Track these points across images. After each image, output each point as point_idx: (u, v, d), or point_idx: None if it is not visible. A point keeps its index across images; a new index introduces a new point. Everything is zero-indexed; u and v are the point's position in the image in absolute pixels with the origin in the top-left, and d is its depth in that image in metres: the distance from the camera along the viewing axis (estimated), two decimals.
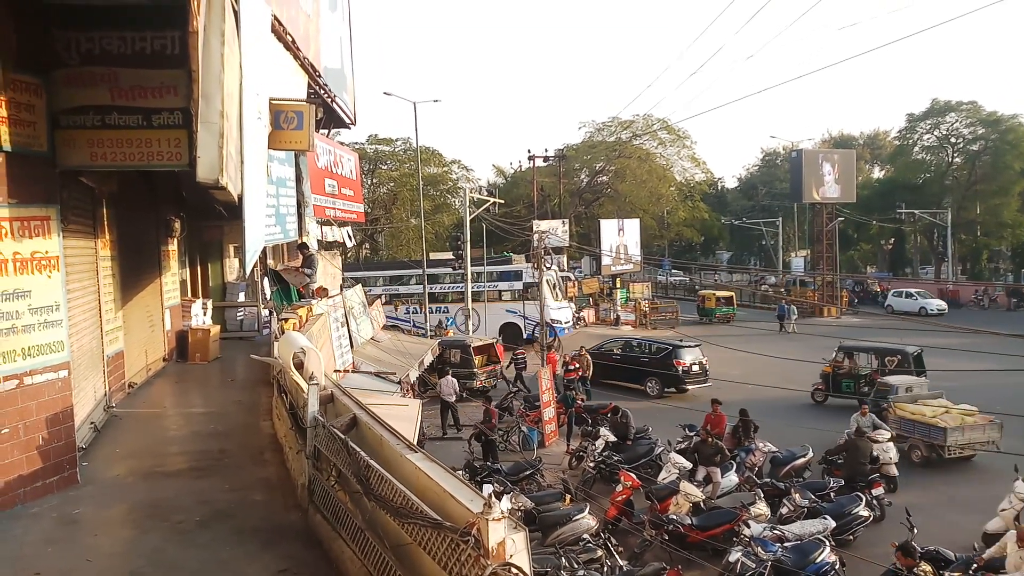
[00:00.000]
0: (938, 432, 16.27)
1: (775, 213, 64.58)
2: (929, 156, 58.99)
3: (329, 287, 18.74)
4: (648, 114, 52.53)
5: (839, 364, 22.41)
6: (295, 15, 12.12)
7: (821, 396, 22.50)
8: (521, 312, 34.12)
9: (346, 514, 4.25)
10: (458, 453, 16.82)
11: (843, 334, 27.49)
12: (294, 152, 12.43)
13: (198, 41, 5.40)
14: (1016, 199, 54.28)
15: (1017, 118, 53.80)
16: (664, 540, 11.78)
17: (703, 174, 61.63)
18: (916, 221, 56.09)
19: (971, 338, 22.81)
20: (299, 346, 6.28)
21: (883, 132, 73.91)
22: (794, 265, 55.40)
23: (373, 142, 52.52)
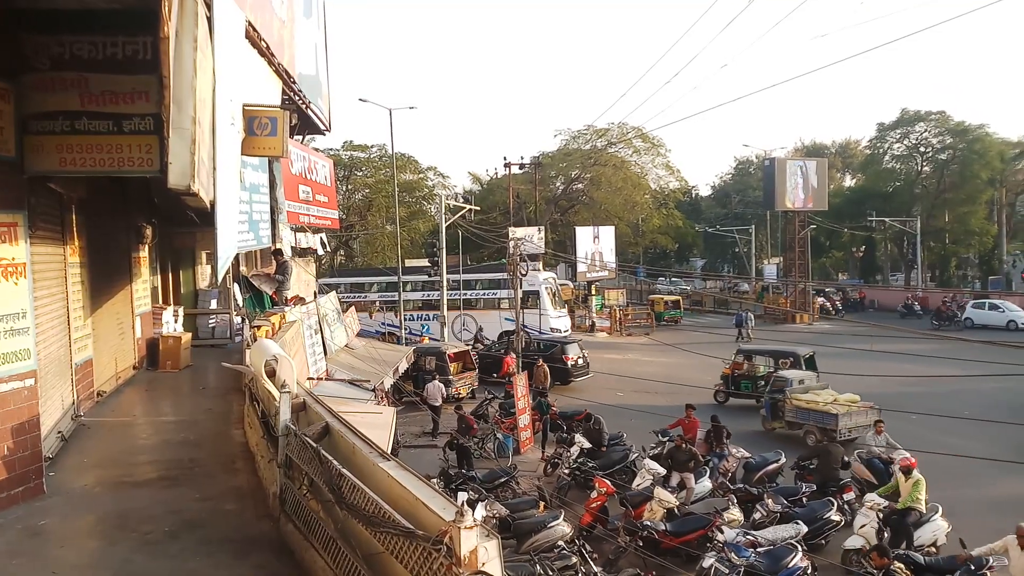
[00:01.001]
0: (831, 418, 18.31)
1: (748, 221, 65.25)
2: (899, 165, 59.91)
3: (303, 293, 18.63)
4: (623, 122, 52.82)
5: (738, 366, 23.85)
6: (269, 21, 12.06)
7: (723, 396, 23.58)
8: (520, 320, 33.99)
9: (318, 523, 4.22)
10: (433, 461, 16.78)
11: (802, 341, 28.19)
12: (268, 158, 12.35)
13: (169, 47, 5.35)
14: (983, 207, 55.25)
15: (984, 128, 54.89)
16: (638, 546, 11.82)
17: (677, 182, 62.08)
18: (886, 229, 56.96)
19: (938, 343, 23.44)
20: (271, 354, 6.23)
21: (854, 141, 75.03)
22: (766, 272, 56.00)
23: (348, 148, 52.34)
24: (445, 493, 11.14)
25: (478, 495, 12.88)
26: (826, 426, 18.14)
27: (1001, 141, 55.88)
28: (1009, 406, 21.30)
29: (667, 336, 36.82)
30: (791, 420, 19.50)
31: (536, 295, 33.87)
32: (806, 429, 18.91)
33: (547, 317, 33.57)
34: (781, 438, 19.42)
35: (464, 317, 35.27)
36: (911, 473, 12.21)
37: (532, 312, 33.61)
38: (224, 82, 7.31)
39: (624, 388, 24.99)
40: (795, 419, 19.35)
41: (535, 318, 33.56)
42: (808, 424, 18.87)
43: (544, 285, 34.36)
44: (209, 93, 6.84)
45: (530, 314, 33.56)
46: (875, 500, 12.19)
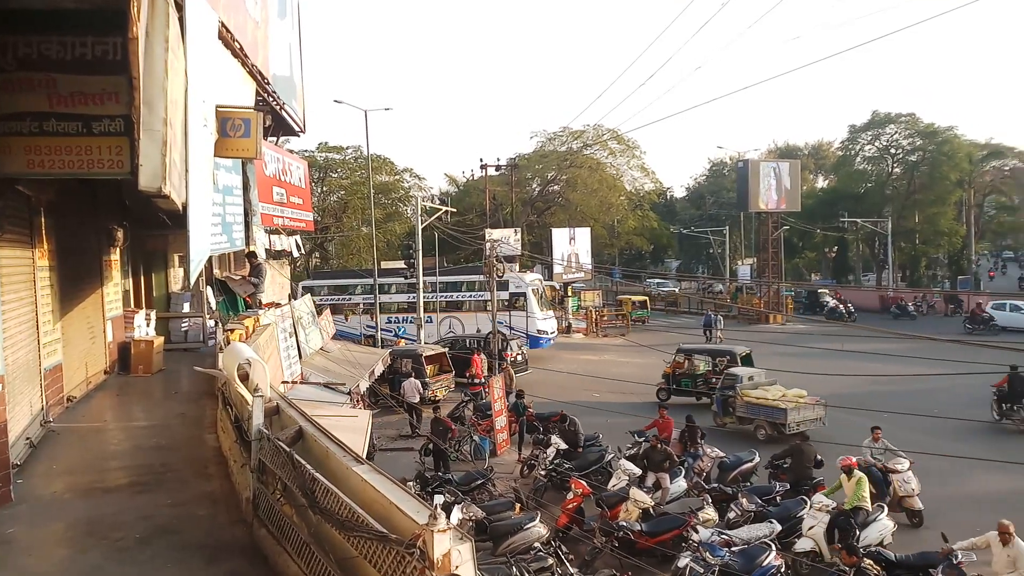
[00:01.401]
0: (780, 412, 18.93)
1: (722, 222, 65.72)
2: (870, 166, 60.62)
3: (278, 296, 18.50)
4: (598, 124, 53.04)
5: (679, 365, 24.40)
6: (243, 22, 11.98)
7: (664, 395, 24.08)
8: (507, 322, 33.74)
9: (291, 528, 4.20)
10: (409, 464, 16.73)
11: (773, 341, 28.62)
12: (241, 160, 12.26)
13: (138, 47, 5.30)
14: (952, 208, 56.07)
15: (953, 130, 55.69)
16: (614, 547, 11.86)
17: (652, 184, 62.45)
18: (858, 229, 57.64)
19: (906, 343, 23.91)
20: (244, 357, 6.18)
21: (826, 143, 75.86)
22: (740, 273, 56.44)
23: (323, 150, 52.03)
24: (419, 496, 11.12)
25: (454, 497, 12.87)
26: (775, 420, 18.97)
27: (969, 143, 56.80)
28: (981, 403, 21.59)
29: (638, 337, 37.03)
30: (742, 415, 20.07)
31: (523, 296, 33.84)
32: (756, 424, 19.60)
33: (534, 319, 33.54)
34: (732, 433, 19.91)
35: (451, 319, 35.13)
36: (852, 473, 12.32)
37: (519, 314, 33.63)
38: (197, 83, 7.25)
39: (600, 388, 25.12)
40: (746, 414, 19.94)
41: (522, 320, 33.56)
42: (758, 419, 19.55)
43: (531, 287, 34.35)
44: (181, 94, 6.78)
45: (517, 316, 33.59)
46: (823, 501, 12.24)
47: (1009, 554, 9.76)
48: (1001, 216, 64.95)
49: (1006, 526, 9.97)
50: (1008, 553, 9.77)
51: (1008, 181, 60.19)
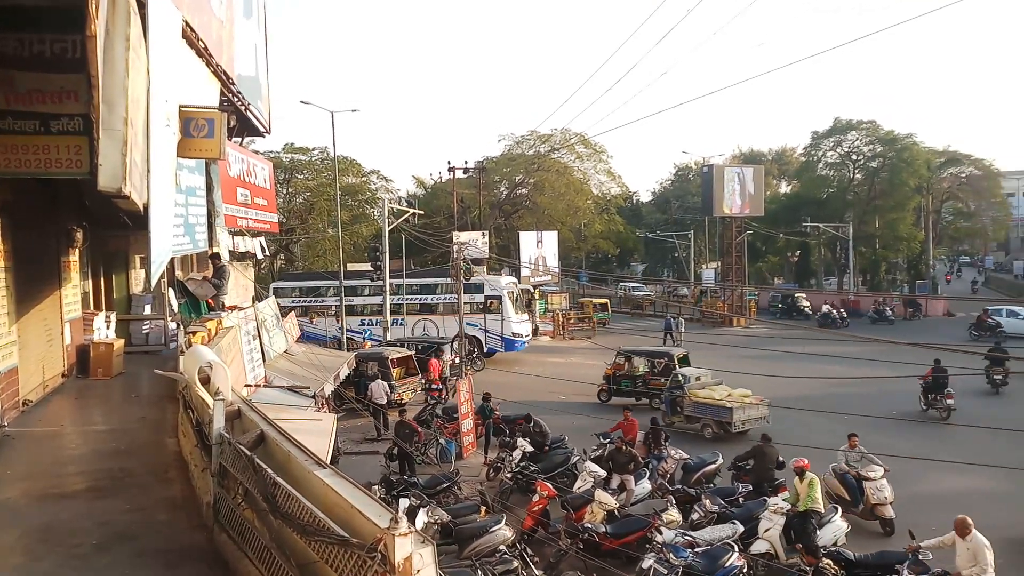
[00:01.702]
0: (726, 411, 19.69)
1: (687, 226, 66.35)
2: (832, 172, 61.62)
3: (241, 298, 18.27)
4: (566, 128, 53.27)
5: (619, 367, 25.03)
6: (207, 21, 11.84)
7: (605, 396, 24.83)
8: (482, 325, 33.66)
9: (253, 533, 4.16)
10: (375, 467, 16.63)
11: (737, 344, 29.11)
12: (205, 160, 12.12)
13: (97, 45, 5.22)
14: (911, 214, 57.24)
15: (912, 137, 56.91)
16: (579, 549, 11.91)
17: (619, 188, 62.88)
18: (820, 234, 58.51)
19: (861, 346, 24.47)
20: (206, 360, 6.11)
21: (790, 149, 76.90)
22: (705, 276, 56.96)
23: (289, 151, 51.57)
24: (381, 500, 11.05)
25: (420, 501, 12.83)
26: (722, 419, 19.73)
27: (928, 150, 58.07)
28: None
29: (603, 340, 37.17)
30: (689, 414, 20.72)
31: (499, 299, 33.80)
32: (703, 423, 20.28)
33: (509, 322, 33.50)
34: (679, 432, 20.25)
35: (425, 322, 34.97)
36: (804, 475, 12.44)
37: (494, 317, 33.56)
38: (159, 82, 7.16)
39: (566, 390, 25.22)
40: (693, 413, 20.61)
41: (497, 323, 33.50)
42: (705, 418, 20.24)
43: (507, 290, 34.31)
44: (143, 93, 6.69)
45: (492, 319, 33.51)
46: (778, 504, 12.33)
47: (968, 547, 9.93)
48: (958, 222, 66.56)
49: (963, 520, 10.20)
50: (967, 547, 9.95)
51: (965, 187, 61.67)
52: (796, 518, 12.08)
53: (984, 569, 9.69)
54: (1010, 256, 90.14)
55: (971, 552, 9.89)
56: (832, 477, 14.36)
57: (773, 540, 11.70)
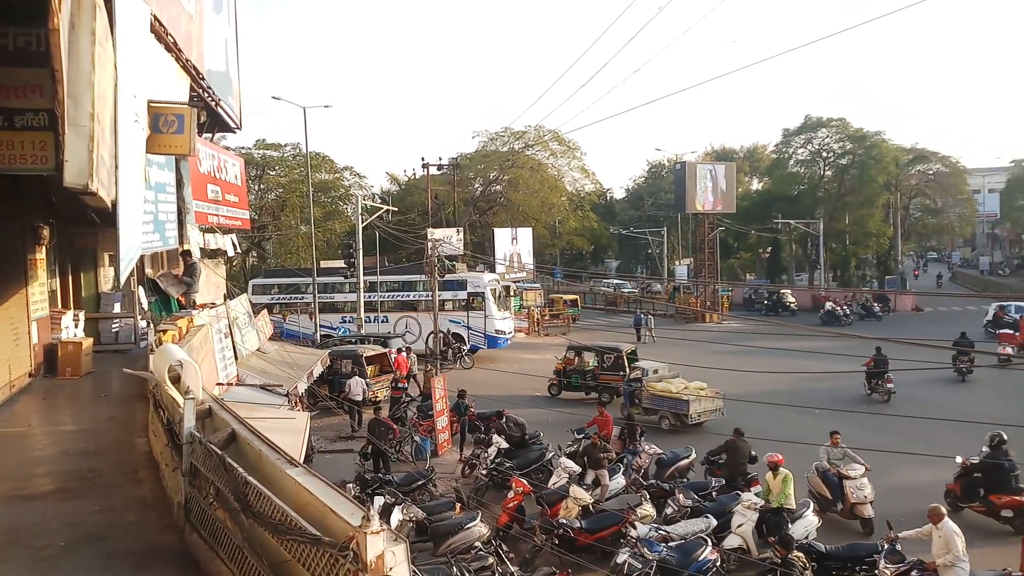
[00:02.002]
0: (683, 404, 20.32)
1: (660, 223, 66.80)
2: (803, 169, 62.22)
3: (213, 296, 18.08)
4: (539, 125, 53.33)
5: (570, 361, 25.81)
6: (177, 15, 11.69)
7: (556, 390, 25.59)
8: (465, 322, 33.57)
9: (224, 533, 4.12)
10: (350, 466, 16.57)
11: (708, 339, 29.60)
12: (175, 157, 11.97)
13: (60, 39, 5.13)
14: (880, 210, 58.03)
15: (880, 135, 57.65)
16: (554, 545, 11.96)
17: (592, 185, 63.15)
18: (791, 231, 59.16)
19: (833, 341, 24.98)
20: (176, 359, 6.03)
21: (761, 146, 77.66)
22: (678, 273, 57.40)
23: (261, 147, 51.11)
24: (358, 498, 10.98)
25: (395, 499, 12.80)
26: (678, 411, 20.41)
27: (896, 147, 58.88)
28: (906, 399, 22.47)
29: (576, 336, 37.37)
30: (647, 407, 21.35)
31: (481, 297, 33.73)
32: (661, 414, 20.98)
33: (492, 319, 33.43)
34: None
35: (407, 319, 34.77)
36: (778, 470, 12.57)
37: (478, 314, 33.48)
38: (127, 77, 7.06)
39: (541, 387, 25.31)
40: (651, 405, 21.26)
41: (480, 320, 33.44)
42: (662, 410, 20.92)
43: (489, 287, 34.27)
44: (110, 88, 6.59)
45: (475, 316, 33.44)
46: (752, 500, 12.40)
47: (940, 535, 10.10)
48: (925, 218, 67.66)
49: (936, 508, 10.37)
50: (939, 535, 10.11)
51: (932, 184, 62.68)
52: (769, 513, 12.21)
53: (957, 556, 9.85)
54: (976, 252, 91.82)
55: (943, 540, 10.06)
56: (815, 475, 14.26)
57: (746, 535, 11.82)
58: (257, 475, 3.70)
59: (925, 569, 10.14)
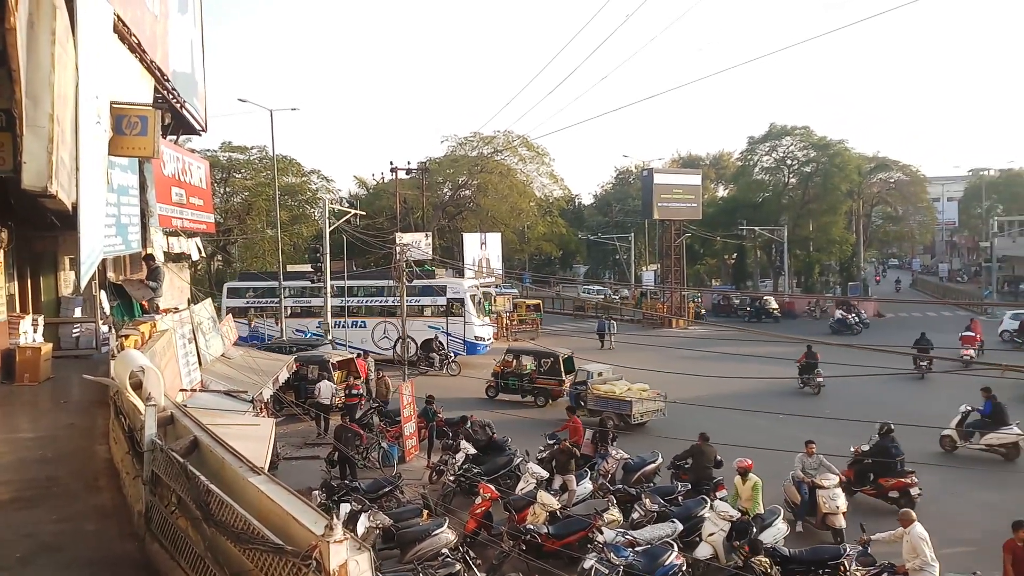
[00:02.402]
0: (626, 405, 21.04)
1: (628, 229, 67.24)
2: (768, 177, 63.01)
3: (176, 300, 17.82)
4: (508, 130, 53.42)
5: (508, 364, 26.28)
6: (141, 16, 11.54)
7: (493, 392, 26.24)
8: (444, 328, 33.27)
9: (186, 542, 4.06)
10: (316, 472, 16.41)
11: (675, 345, 30.10)
12: (138, 159, 11.80)
13: (18, 39, 5.03)
14: (843, 218, 58.97)
15: (843, 143, 58.66)
16: (521, 550, 11.94)
17: (561, 191, 63.41)
18: (756, 237, 59.85)
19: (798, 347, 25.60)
20: (137, 364, 5.93)
21: (727, 153, 78.49)
22: (645, 278, 57.72)
23: (227, 150, 50.52)
24: (324, 506, 10.88)
25: (361, 506, 12.70)
26: (622, 412, 21.05)
27: (858, 156, 59.96)
28: (869, 401, 22.87)
29: (544, 340, 37.47)
30: (592, 408, 21.95)
31: (461, 303, 33.55)
32: (605, 415, 21.45)
33: (472, 326, 33.25)
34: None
35: (385, 324, 34.46)
36: (748, 475, 12.68)
37: (457, 320, 33.29)
38: (89, 78, 6.95)
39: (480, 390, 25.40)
40: (596, 407, 21.87)
41: (459, 326, 33.26)
42: (607, 411, 21.51)
43: (469, 293, 34.12)
44: (71, 89, 6.49)
45: (454, 322, 33.26)
46: (727, 510, 12.30)
47: (908, 540, 10.25)
48: (887, 225, 69.01)
49: (906, 512, 10.52)
50: (908, 539, 10.26)
51: (893, 192, 63.97)
52: (739, 521, 12.23)
53: (925, 562, 9.98)
54: (936, 259, 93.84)
55: (910, 545, 10.21)
56: (790, 484, 14.19)
57: (716, 544, 11.79)
58: (219, 483, 3.65)
59: (896, 572, 10.29)
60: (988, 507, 14.26)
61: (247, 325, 34.61)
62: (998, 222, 62.36)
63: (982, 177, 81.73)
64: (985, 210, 75.27)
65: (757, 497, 12.48)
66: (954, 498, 15.16)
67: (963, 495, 15.32)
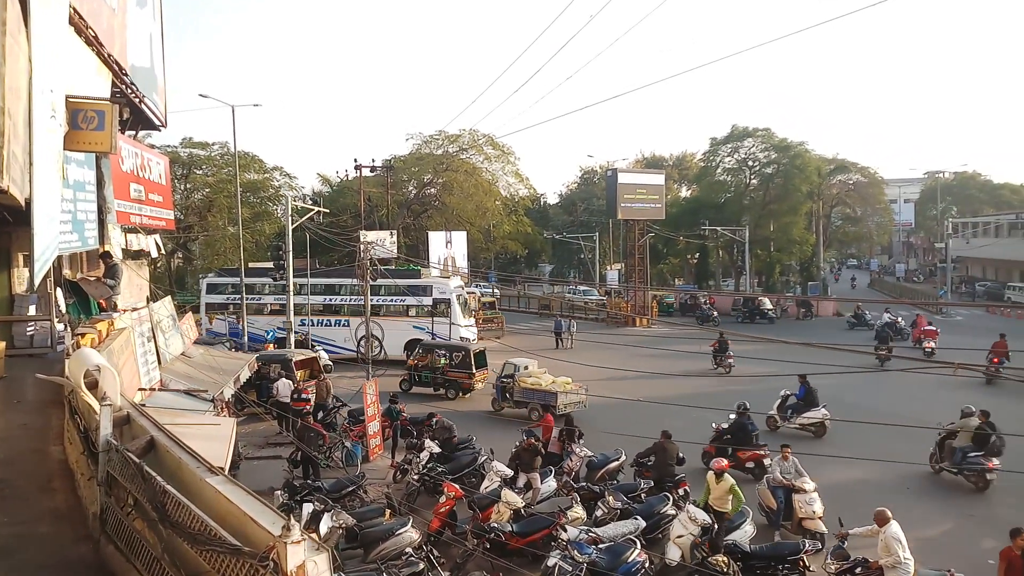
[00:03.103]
0: (551, 396, 22.05)
1: (593, 228, 67.60)
2: (730, 177, 63.78)
3: (135, 298, 17.49)
4: (474, 129, 53.34)
5: (422, 359, 27.33)
6: (98, 9, 11.33)
7: (407, 385, 27.13)
8: (429, 329, 32.96)
9: (141, 544, 3.99)
10: (278, 472, 16.25)
11: (632, 344, 30.73)
12: (95, 154, 11.57)
13: None
14: (803, 218, 59.94)
15: (804, 145, 59.64)
16: (486, 549, 11.94)
17: (526, 190, 63.45)
18: (718, 237, 60.57)
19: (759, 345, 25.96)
20: (93, 363, 5.82)
21: (690, 154, 79.29)
22: (609, 278, 58.07)
23: (188, 145, 49.76)
24: (285, 505, 10.73)
25: (324, 506, 12.60)
26: (547, 403, 21.67)
27: (818, 157, 61.00)
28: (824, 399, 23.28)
29: (508, 339, 37.60)
30: (518, 400, 22.95)
31: (447, 303, 33.31)
32: (531, 407, 22.47)
33: (457, 326, 33.01)
34: (508, 417, 22.65)
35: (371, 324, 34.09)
36: (723, 476, 12.70)
37: (443, 321, 33.06)
38: (43, 71, 6.81)
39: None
40: (522, 398, 22.87)
41: (444, 326, 33.02)
42: (532, 402, 22.49)
43: (455, 293, 33.92)
44: (23, 82, 6.34)
45: (440, 322, 33.04)
46: (699, 515, 12.12)
47: (882, 538, 10.39)
48: (846, 226, 70.31)
49: (881, 511, 10.67)
50: (882, 538, 10.40)
51: (852, 194, 65.21)
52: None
53: (898, 561, 10.15)
54: (893, 259, 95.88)
55: (884, 543, 10.36)
56: (765, 488, 14.15)
57: (685, 548, 11.78)
58: (176, 484, 3.59)
59: (870, 568, 10.42)
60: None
61: (225, 321, 34.07)
62: (952, 224, 63.84)
63: (937, 180, 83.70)
64: (940, 212, 77.11)
65: (736, 501, 12.50)
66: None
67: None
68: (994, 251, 61.07)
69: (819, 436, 19.79)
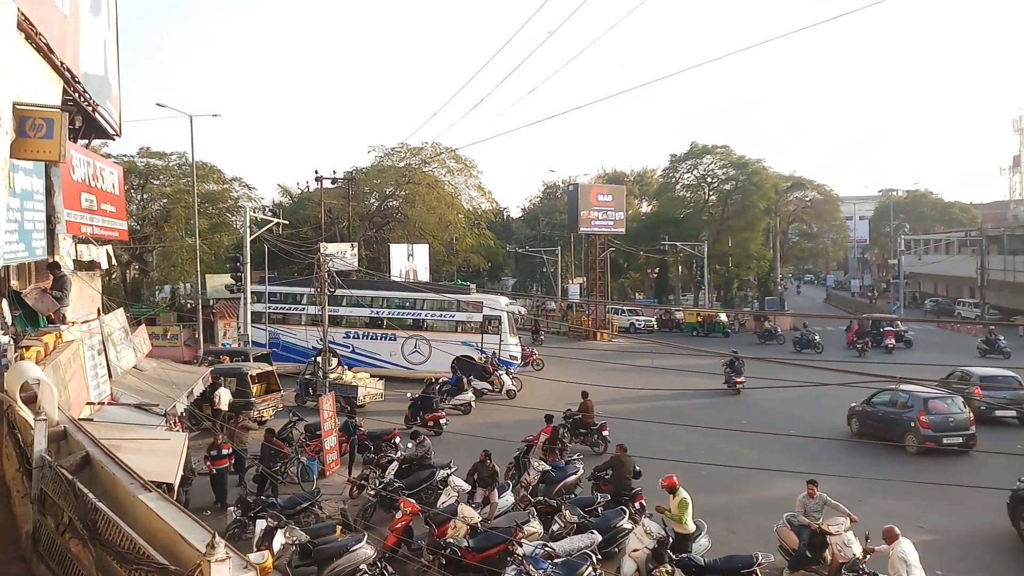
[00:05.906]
0: (352, 389, 25.45)
1: (555, 242, 67.88)
2: (689, 193, 64.62)
3: (87, 310, 17.09)
4: (436, 142, 53.27)
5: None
6: (49, 15, 11.11)
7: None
8: (478, 345, 32.35)
9: (73, 563, 3.88)
10: (232, 488, 15.95)
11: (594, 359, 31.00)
12: (44, 163, 11.31)
13: None
14: (761, 234, 60.90)
15: (761, 162, 60.77)
16: (441, 565, 11.84)
17: (489, 203, 63.50)
18: (678, 252, 61.26)
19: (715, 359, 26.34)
20: (31, 377, 5.67)
21: (650, 170, 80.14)
22: (571, 291, 58.34)
23: (145, 155, 48.86)
24: (236, 521, 10.48)
25: (278, 522, 12.40)
26: (349, 396, 24.57)
27: (776, 175, 62.10)
28: (780, 415, 23.59)
29: None
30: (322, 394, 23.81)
31: (498, 320, 32.84)
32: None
33: (507, 344, 32.50)
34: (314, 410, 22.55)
35: (416, 340, 33.19)
36: (676, 492, 12.59)
37: (491, 338, 32.49)
38: None
39: None
40: (339, 392, 23.70)
41: (494, 344, 32.41)
42: (337, 395, 23.13)
43: (506, 311, 33.57)
44: None
45: (489, 339, 32.48)
46: (654, 529, 12.00)
47: (891, 556, 10.35)
48: (802, 242, 71.57)
49: (889, 529, 10.68)
50: (891, 556, 10.36)
51: (808, 211, 66.45)
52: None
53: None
54: (848, 275, 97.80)
55: (891, 561, 10.36)
56: (785, 527, 12.84)
57: (640, 561, 11.77)
58: (110, 501, 3.51)
59: None
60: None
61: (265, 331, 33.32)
62: (905, 240, 65.40)
63: (890, 197, 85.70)
64: (893, 229, 78.91)
65: (684, 514, 12.46)
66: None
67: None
68: (945, 267, 62.64)
69: (466, 412, 24.85)
